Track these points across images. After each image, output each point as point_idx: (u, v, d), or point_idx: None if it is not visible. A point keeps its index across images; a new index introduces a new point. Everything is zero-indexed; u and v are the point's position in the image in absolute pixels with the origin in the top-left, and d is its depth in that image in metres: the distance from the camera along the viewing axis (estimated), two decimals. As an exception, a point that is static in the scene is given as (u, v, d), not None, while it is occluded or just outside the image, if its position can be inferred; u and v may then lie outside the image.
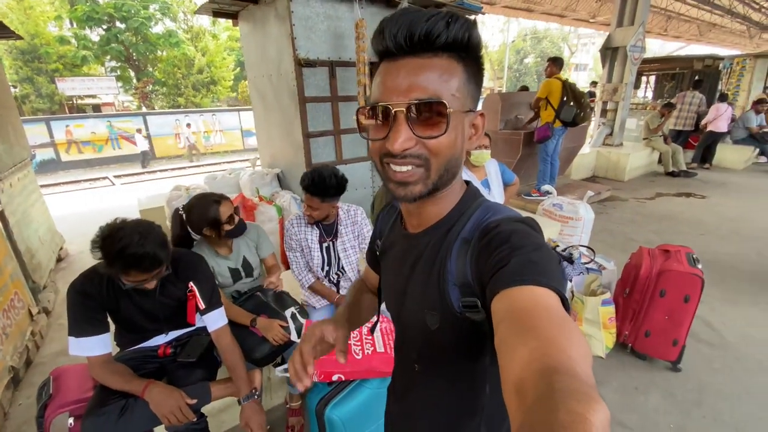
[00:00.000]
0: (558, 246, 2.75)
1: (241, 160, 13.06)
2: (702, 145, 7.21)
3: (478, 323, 0.53)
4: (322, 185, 1.68)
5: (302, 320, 1.57)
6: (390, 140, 0.50)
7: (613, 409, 1.94)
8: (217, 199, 1.71)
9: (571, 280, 2.49)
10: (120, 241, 1.16)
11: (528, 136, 4.63)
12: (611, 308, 2.28)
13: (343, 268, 1.92)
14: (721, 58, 8.96)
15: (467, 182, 0.64)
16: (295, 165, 3.34)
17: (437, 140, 0.50)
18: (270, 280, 1.88)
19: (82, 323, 1.27)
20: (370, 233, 1.97)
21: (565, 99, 4.05)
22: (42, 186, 8.95)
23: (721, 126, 6.86)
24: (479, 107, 0.68)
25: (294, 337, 1.51)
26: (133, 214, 3.84)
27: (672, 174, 6.64)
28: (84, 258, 3.82)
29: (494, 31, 33.50)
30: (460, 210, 0.59)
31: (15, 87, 14.87)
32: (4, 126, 3.05)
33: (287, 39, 2.79)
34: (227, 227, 1.68)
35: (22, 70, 14.55)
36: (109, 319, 1.37)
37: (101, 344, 1.29)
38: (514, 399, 0.34)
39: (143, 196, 4.38)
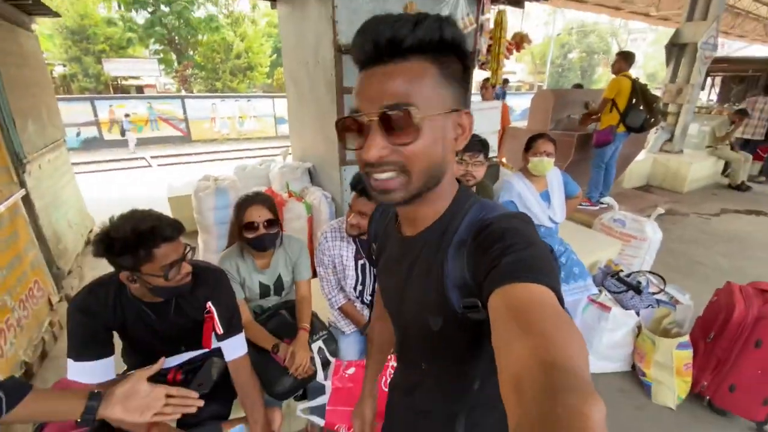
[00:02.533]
0: (621, 271, 2.40)
1: (273, 147, 13.08)
2: (775, 156, 6.46)
3: (479, 322, 0.52)
4: None
5: (331, 358, 1.35)
6: (365, 150, 0.50)
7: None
8: (251, 199, 1.51)
9: (638, 314, 2.15)
10: (127, 225, 1.00)
11: (582, 139, 4.20)
12: (689, 353, 1.93)
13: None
14: (802, 60, 8.00)
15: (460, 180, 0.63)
16: (327, 161, 3.12)
17: (411, 146, 0.50)
18: (294, 364, 1.40)
19: (83, 344, 1.10)
20: None
21: (634, 102, 3.59)
22: (83, 163, 9.33)
23: (799, 135, 6.11)
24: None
25: (320, 375, 1.28)
26: (162, 201, 3.73)
27: (739, 188, 5.97)
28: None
29: (538, 23, 31.98)
30: (453, 211, 0.58)
31: (64, 66, 15.51)
32: (38, 106, 2.98)
33: (328, 22, 2.54)
34: (245, 234, 1.47)
35: (71, 49, 15.12)
36: (116, 337, 1.20)
37: (103, 371, 1.12)
38: (512, 395, 0.33)
39: (175, 182, 4.30)
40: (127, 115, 12.94)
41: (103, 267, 1.03)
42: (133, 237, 0.99)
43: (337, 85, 2.65)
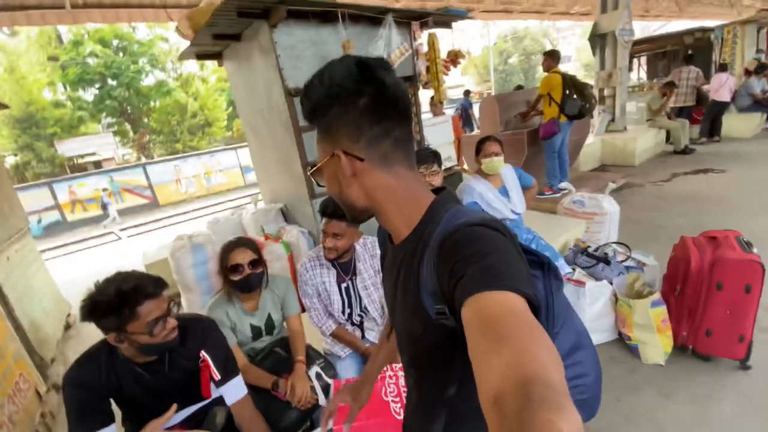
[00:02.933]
0: (589, 247, 2.56)
1: (243, 197, 13.04)
2: (708, 117, 7.02)
3: (451, 329, 0.54)
4: None
5: (329, 380, 1.39)
6: None
7: (690, 425, 1.72)
8: (235, 243, 1.58)
9: (611, 283, 2.29)
10: (110, 287, 1.06)
11: (532, 135, 4.48)
12: (663, 309, 2.07)
13: (365, 308, 1.74)
14: (711, 29, 8.83)
15: (441, 188, 0.68)
16: (297, 198, 3.21)
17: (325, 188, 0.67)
18: (296, 396, 1.43)
19: (84, 418, 1.12)
20: None
21: (567, 92, 3.91)
22: (49, 249, 9.01)
23: (724, 95, 6.69)
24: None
25: (322, 399, 1.33)
26: (138, 269, 3.68)
27: (683, 152, 6.43)
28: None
29: (474, 36, 33.88)
30: (428, 219, 0.61)
31: (15, 155, 15.15)
32: (-3, 199, 2.96)
33: (274, 71, 2.70)
34: (231, 277, 1.52)
35: (20, 138, 14.85)
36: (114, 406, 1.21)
37: None
38: (493, 410, 0.34)
39: (149, 248, 4.26)
40: (104, 189, 12.84)
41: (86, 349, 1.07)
42: (116, 298, 1.03)
43: (293, 126, 2.78)
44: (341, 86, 0.57)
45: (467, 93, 11.52)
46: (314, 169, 0.66)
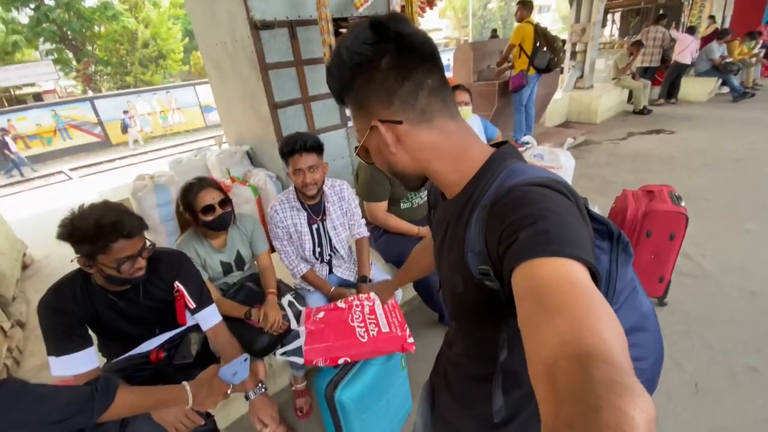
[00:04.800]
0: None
1: (204, 139, 12.41)
2: (668, 79, 7.28)
3: (495, 291, 0.53)
4: (312, 139, 1.58)
5: (301, 308, 1.51)
6: None
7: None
8: (199, 184, 1.57)
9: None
10: (91, 216, 1.08)
11: (503, 86, 4.52)
12: (600, 253, 2.32)
13: (334, 247, 1.84)
14: (684, -11, 8.88)
15: (503, 143, 0.62)
16: (264, 140, 3.14)
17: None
18: (268, 323, 1.54)
19: (61, 341, 1.16)
20: (358, 208, 1.89)
21: (538, 45, 3.91)
22: (-7, 188, 8.34)
23: (686, 57, 6.92)
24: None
25: (294, 324, 1.45)
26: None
27: (641, 112, 6.72)
28: (51, 262, 3.59)
29: (454, -23, 31.97)
30: (483, 176, 0.58)
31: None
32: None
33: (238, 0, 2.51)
34: (203, 217, 1.55)
35: (-56, 62, 13.02)
36: (90, 331, 1.27)
37: (86, 359, 1.19)
38: (544, 384, 0.32)
39: (105, 188, 4.08)
40: (125, 112, 12.40)
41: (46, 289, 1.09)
42: (93, 228, 1.06)
43: (259, 62, 2.66)
44: (360, 53, 0.54)
45: None
46: (359, 148, 0.65)
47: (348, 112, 0.65)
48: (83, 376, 1.18)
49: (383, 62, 0.54)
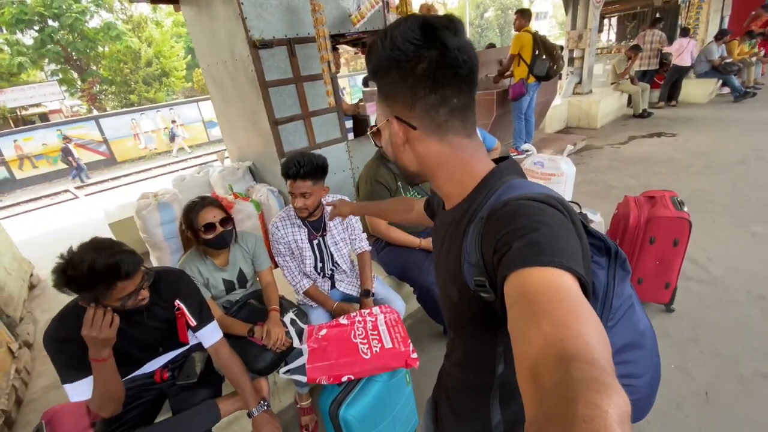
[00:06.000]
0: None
1: (207, 154, 12.54)
2: (668, 82, 7.29)
3: (490, 303, 0.53)
4: (311, 165, 1.59)
5: (303, 325, 1.51)
6: None
7: (615, 358, 1.99)
8: (201, 203, 1.59)
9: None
10: (83, 263, 1.02)
11: (501, 95, 4.54)
12: (604, 260, 2.30)
13: (336, 262, 1.84)
14: (680, -8, 8.93)
15: (504, 158, 0.64)
16: (266, 156, 3.18)
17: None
18: (271, 340, 1.55)
19: (71, 368, 1.16)
20: (359, 223, 1.90)
21: (537, 53, 3.94)
22: (0, 208, 8.45)
23: (685, 60, 6.93)
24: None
25: (296, 342, 1.45)
26: (102, 228, 3.60)
27: (641, 115, 6.72)
28: (58, 281, 3.61)
29: (451, -13, 32.38)
30: (481, 189, 0.59)
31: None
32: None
33: (237, 20, 2.56)
34: (204, 236, 1.57)
35: (-47, 85, 13.32)
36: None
37: None
38: (529, 384, 0.33)
39: (111, 207, 4.13)
40: (173, 122, 13.46)
41: (54, 310, 1.09)
42: (88, 277, 1.02)
43: (259, 80, 2.70)
44: (401, 50, 0.54)
45: None
46: (373, 129, 0.67)
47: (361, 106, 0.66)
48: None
49: (419, 67, 0.55)
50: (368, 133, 0.69)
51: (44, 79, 15.79)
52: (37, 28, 14.55)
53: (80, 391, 1.17)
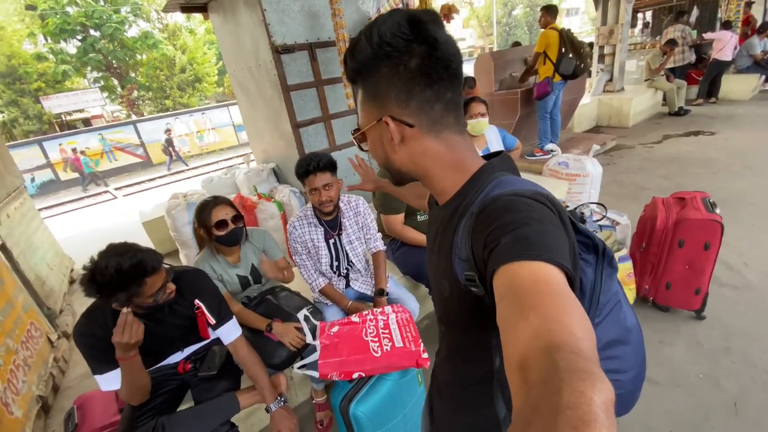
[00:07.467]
0: (567, 206, 2.67)
1: (236, 156, 12.95)
2: (707, 77, 6.90)
3: (480, 297, 0.53)
4: (326, 158, 1.64)
5: (316, 322, 1.55)
6: None
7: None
8: (213, 201, 1.66)
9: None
10: (109, 268, 1.08)
11: (525, 94, 4.46)
12: (629, 264, 2.22)
13: (351, 261, 1.87)
14: (720, -17, 8.46)
15: (495, 154, 0.64)
16: (288, 158, 3.26)
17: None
18: (279, 269, 1.83)
19: (100, 362, 1.24)
20: (374, 223, 1.92)
21: (563, 51, 3.84)
22: (45, 208, 9.07)
23: (727, 54, 6.55)
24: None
25: (309, 339, 1.48)
26: (136, 228, 3.78)
27: (678, 113, 6.41)
28: (96, 276, 3.84)
29: (477, -14, 32.03)
30: (472, 185, 0.59)
31: (2, 112, 14.74)
32: (-9, 157, 3.00)
33: (260, 26, 2.65)
34: (217, 232, 1.63)
35: (5, 93, 14.37)
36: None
37: None
38: (517, 376, 0.34)
39: (145, 207, 4.35)
40: (168, 131, 13.45)
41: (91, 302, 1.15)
42: (118, 281, 1.09)
43: (281, 84, 2.78)
44: (391, 45, 0.53)
45: None
46: (358, 133, 0.64)
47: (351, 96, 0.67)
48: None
49: (412, 63, 0.54)
50: (353, 137, 0.66)
51: (87, 86, 16.80)
52: (79, 37, 15.47)
53: (110, 381, 1.25)
